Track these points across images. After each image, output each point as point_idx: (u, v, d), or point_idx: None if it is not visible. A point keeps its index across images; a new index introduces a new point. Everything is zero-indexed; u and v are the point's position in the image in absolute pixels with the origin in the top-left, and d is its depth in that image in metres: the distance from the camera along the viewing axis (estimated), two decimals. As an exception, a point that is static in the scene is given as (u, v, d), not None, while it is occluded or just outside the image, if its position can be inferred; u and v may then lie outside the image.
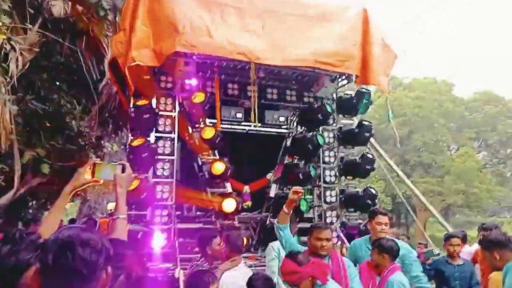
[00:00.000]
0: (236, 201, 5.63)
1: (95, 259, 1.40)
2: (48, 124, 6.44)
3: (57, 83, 6.37)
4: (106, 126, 7.59)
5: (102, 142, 8.22)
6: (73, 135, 6.91)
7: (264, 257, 6.03)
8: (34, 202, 8.70)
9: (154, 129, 5.63)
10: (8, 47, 4.61)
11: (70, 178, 2.23)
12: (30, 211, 9.10)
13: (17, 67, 4.91)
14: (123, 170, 2.19)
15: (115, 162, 2.25)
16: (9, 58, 4.67)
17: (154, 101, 5.61)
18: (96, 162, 2.24)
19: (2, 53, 4.50)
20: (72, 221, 12.94)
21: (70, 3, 5.90)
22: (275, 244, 5.00)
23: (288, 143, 6.93)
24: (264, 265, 5.20)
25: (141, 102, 5.31)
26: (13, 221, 4.56)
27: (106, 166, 2.22)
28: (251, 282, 3.24)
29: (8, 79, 4.79)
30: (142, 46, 4.78)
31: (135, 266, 5.30)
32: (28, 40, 5.16)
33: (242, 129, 6.54)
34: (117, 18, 6.14)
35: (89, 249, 1.40)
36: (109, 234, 2.03)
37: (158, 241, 5.21)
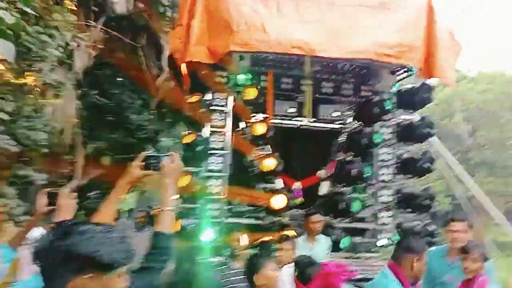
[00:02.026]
0: (286, 197, 5.55)
1: None
2: (109, 118, 6.75)
3: (119, 79, 6.63)
4: (163, 120, 7.81)
5: (159, 136, 8.48)
6: (132, 129, 7.18)
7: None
8: (95, 192, 9.17)
9: (209, 124, 5.69)
10: (74, 44, 4.84)
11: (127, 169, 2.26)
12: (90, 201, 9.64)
13: (82, 63, 5.15)
14: (171, 161, 2.18)
15: (164, 154, 2.24)
16: (74, 55, 4.90)
17: (209, 96, 5.67)
18: (147, 154, 2.25)
19: (69, 50, 4.73)
20: (130, 211, 13.53)
21: (132, 0, 6.12)
22: (298, 241, 4.89)
23: (343, 139, 6.72)
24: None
25: (196, 97, 5.38)
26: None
27: (156, 159, 2.24)
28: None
29: (74, 75, 5.03)
30: (198, 43, 4.84)
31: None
32: (92, 37, 5.39)
33: (294, 124, 6.43)
34: (175, 15, 6.25)
35: None
36: (155, 226, 2.02)
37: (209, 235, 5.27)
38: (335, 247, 5.76)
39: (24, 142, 3.73)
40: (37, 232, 2.83)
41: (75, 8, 4.22)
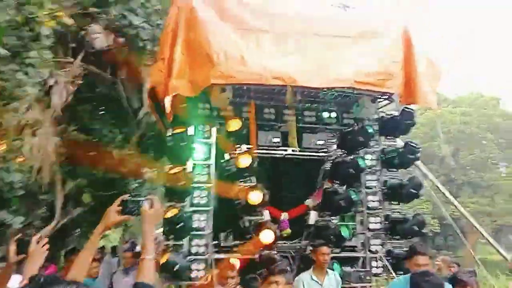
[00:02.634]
0: (273, 231, 5.43)
1: None
2: (90, 154, 6.60)
3: (100, 114, 6.54)
4: (146, 154, 7.69)
5: (143, 170, 8.33)
6: (114, 164, 7.03)
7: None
8: (76, 231, 8.89)
9: (191, 156, 5.59)
10: (52, 80, 4.75)
11: (109, 206, 2.19)
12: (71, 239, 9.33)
13: (61, 100, 5.06)
14: (151, 206, 2.09)
15: (143, 197, 2.16)
16: (53, 92, 4.81)
17: (191, 129, 5.59)
18: (124, 198, 2.17)
19: (48, 86, 4.64)
20: (113, 248, 13.12)
21: (111, 35, 6.11)
22: (305, 277, 4.72)
23: (327, 167, 6.68)
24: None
25: (178, 130, 5.31)
26: (55, 251, 4.63)
27: (134, 203, 2.15)
28: None
29: (52, 112, 4.92)
30: (179, 76, 4.83)
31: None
32: (71, 73, 5.33)
33: (280, 154, 6.37)
34: (155, 48, 6.26)
35: None
36: (136, 276, 1.92)
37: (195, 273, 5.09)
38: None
39: (-3, 184, 3.58)
40: (15, 280, 2.68)
41: (52, 45, 4.15)
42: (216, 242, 5.77)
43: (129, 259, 5.94)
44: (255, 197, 5.51)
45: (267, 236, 5.41)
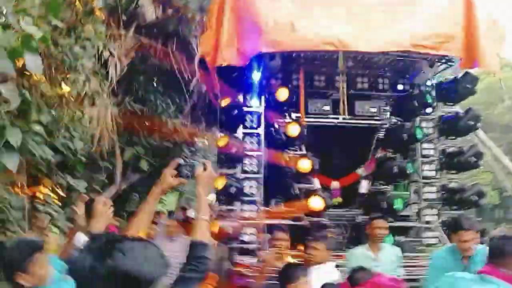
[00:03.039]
0: (322, 198, 5.40)
1: None
2: (146, 124, 6.87)
3: (154, 85, 6.74)
4: (198, 123, 7.88)
5: (195, 138, 8.57)
6: (168, 133, 7.28)
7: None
8: (136, 197, 9.41)
9: (242, 125, 5.65)
10: (106, 53, 4.93)
11: None
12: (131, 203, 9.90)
13: (116, 72, 5.25)
14: (204, 169, 2.14)
15: (197, 161, 2.21)
16: (109, 64, 5.00)
17: (241, 97, 5.62)
18: (180, 162, 2.22)
19: (102, 59, 4.83)
20: (170, 213, 13.76)
21: (161, 7, 6.19)
22: (358, 252, 4.56)
23: (381, 136, 6.48)
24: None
25: (227, 100, 5.36)
26: (117, 215, 4.97)
27: (189, 166, 2.20)
28: None
29: (109, 84, 5.13)
30: (228, 46, 4.82)
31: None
32: (124, 46, 5.49)
33: (331, 122, 6.26)
34: (204, 18, 6.27)
35: None
36: (191, 235, 1.99)
37: (248, 237, 5.24)
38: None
39: (63, 151, 3.84)
40: (80, 238, 2.85)
41: (104, 18, 4.28)
42: (267, 208, 5.87)
43: (174, 228, 5.74)
44: (305, 165, 5.50)
45: (316, 202, 5.41)
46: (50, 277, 2.27)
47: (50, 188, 4.25)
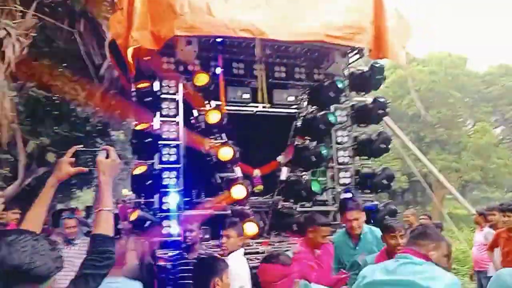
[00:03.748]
0: (245, 187, 5.41)
1: None
2: (52, 112, 6.31)
3: (60, 70, 6.20)
4: (112, 111, 7.42)
5: (109, 128, 8.08)
6: (78, 122, 6.77)
7: (278, 242, 5.89)
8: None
9: (158, 113, 5.43)
10: (2, 32, 4.41)
11: (76, 166, 2.07)
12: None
13: (14, 53, 4.73)
14: (107, 156, 1.98)
15: (98, 148, 2.04)
16: (5, 44, 4.48)
17: (156, 84, 5.39)
18: (79, 148, 2.04)
19: (-3, 39, 4.31)
20: (87, 208, 13.01)
21: (67, -16, 5.70)
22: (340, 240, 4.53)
23: (299, 124, 6.66)
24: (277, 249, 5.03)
25: (142, 85, 5.11)
26: (22, 211, 4.51)
27: (89, 153, 2.03)
28: None
29: (6, 66, 4.60)
30: (141, 28, 4.59)
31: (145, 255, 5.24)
32: (24, 25, 4.96)
33: (250, 111, 6.28)
34: (115, -1, 5.90)
35: None
36: (94, 228, 1.84)
37: (166, 229, 5.08)
38: (300, 231, 5.73)
39: None
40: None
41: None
42: (188, 199, 5.74)
43: (72, 228, 5.15)
44: (226, 153, 5.45)
45: (239, 191, 5.41)
46: None
47: None
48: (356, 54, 6.30)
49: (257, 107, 6.24)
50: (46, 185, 2.07)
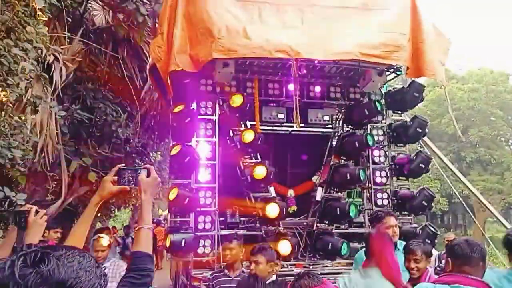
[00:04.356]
0: (279, 206, 5.38)
1: None
2: (94, 133, 6.57)
3: (103, 92, 6.47)
4: (150, 133, 7.65)
5: (148, 149, 8.31)
6: (119, 143, 7.00)
7: (312, 264, 5.77)
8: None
9: (195, 133, 5.54)
10: (51, 57, 4.68)
11: None
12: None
13: (61, 77, 4.98)
14: (148, 175, 2.02)
15: (140, 167, 2.08)
16: (53, 68, 4.73)
17: (194, 105, 5.52)
18: (121, 167, 2.10)
19: (46, 63, 4.57)
20: (126, 228, 13.27)
21: (110, 12, 5.99)
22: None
23: (334, 143, 6.59)
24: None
25: (181, 107, 5.24)
26: (65, 229, 4.67)
27: (131, 172, 2.08)
28: None
29: (52, 90, 4.86)
30: (180, 52, 4.74)
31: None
32: (71, 50, 5.24)
33: (285, 130, 6.29)
34: (156, 24, 6.14)
35: None
36: (133, 246, 1.87)
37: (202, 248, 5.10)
38: (334, 254, 5.60)
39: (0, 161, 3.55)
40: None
41: (46, 19, 4.05)
42: (222, 218, 5.76)
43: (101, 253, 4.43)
44: (260, 173, 5.46)
45: (273, 211, 5.38)
46: None
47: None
48: (393, 72, 6.21)
49: (292, 126, 6.24)
50: (90, 203, 2.13)
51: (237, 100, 5.53)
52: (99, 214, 10.63)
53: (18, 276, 1.18)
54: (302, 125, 6.07)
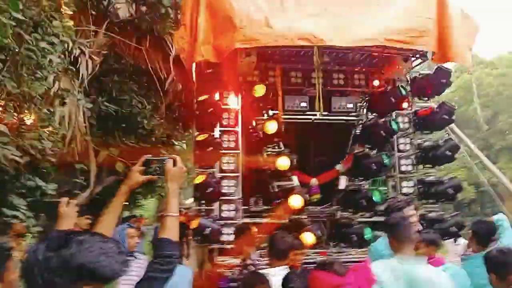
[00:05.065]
0: (302, 196, 5.39)
1: None
2: (121, 124, 6.71)
3: (128, 84, 6.59)
4: (175, 123, 7.76)
5: (173, 140, 8.44)
6: (145, 134, 7.13)
7: (336, 252, 5.77)
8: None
9: (219, 123, 5.58)
10: (77, 51, 4.79)
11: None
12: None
13: (87, 70, 5.10)
14: (174, 164, 2.06)
15: (166, 157, 2.12)
16: (79, 62, 4.85)
17: (217, 95, 5.56)
18: (148, 158, 2.14)
19: (72, 57, 4.68)
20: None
21: (134, 4, 6.07)
22: None
23: (358, 131, 6.52)
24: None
25: (204, 97, 5.29)
26: (93, 219, 4.83)
27: (157, 162, 2.12)
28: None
29: (80, 82, 4.98)
30: (204, 42, 4.75)
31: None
32: (96, 43, 5.35)
33: (308, 119, 6.26)
34: (178, 15, 6.18)
35: None
36: (159, 233, 1.91)
37: (227, 236, 5.17)
38: (358, 242, 5.59)
39: (30, 152, 3.69)
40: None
41: (71, 13, 4.14)
42: (245, 207, 5.82)
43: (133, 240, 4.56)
44: (283, 162, 5.49)
45: (296, 200, 5.40)
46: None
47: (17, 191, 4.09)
48: (419, 58, 6.05)
49: (315, 115, 6.19)
50: (118, 192, 2.18)
51: (259, 90, 5.53)
52: (126, 203, 10.90)
53: (41, 260, 1.24)
54: (325, 113, 6.03)
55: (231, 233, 5.34)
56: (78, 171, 6.09)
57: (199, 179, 5.21)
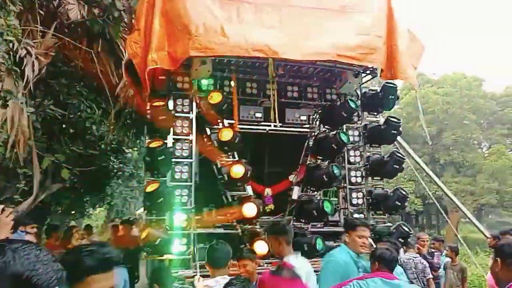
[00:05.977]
0: (256, 205, 5.39)
1: None
2: (68, 130, 6.44)
3: (77, 88, 6.34)
4: (126, 130, 7.54)
5: (123, 147, 8.18)
6: (93, 140, 6.88)
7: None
8: (58, 208, 8.72)
9: (172, 131, 5.49)
10: (23, 51, 4.55)
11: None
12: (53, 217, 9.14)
13: (33, 71, 4.86)
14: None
15: None
16: (25, 62, 4.61)
17: (170, 103, 5.48)
18: None
19: (17, 57, 4.44)
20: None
21: (86, 6, 5.87)
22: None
23: (311, 143, 6.65)
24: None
25: (157, 103, 5.18)
26: (38, 227, 4.56)
27: None
28: None
29: (24, 84, 4.73)
30: (158, 49, 4.69)
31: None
32: (44, 44, 5.12)
33: (262, 129, 6.31)
34: (132, 20, 6.06)
35: None
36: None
37: (178, 247, 5.05)
38: (310, 252, 5.65)
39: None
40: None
41: (17, 11, 3.94)
42: (198, 217, 5.73)
43: None
44: (238, 171, 5.46)
45: (249, 210, 5.38)
46: None
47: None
48: (368, 74, 6.32)
49: (269, 126, 6.26)
50: None
51: (216, 97, 5.51)
52: (73, 212, 10.42)
53: None
54: (280, 124, 6.11)
55: (183, 244, 5.24)
56: (21, 176, 5.74)
57: (151, 188, 5.08)
